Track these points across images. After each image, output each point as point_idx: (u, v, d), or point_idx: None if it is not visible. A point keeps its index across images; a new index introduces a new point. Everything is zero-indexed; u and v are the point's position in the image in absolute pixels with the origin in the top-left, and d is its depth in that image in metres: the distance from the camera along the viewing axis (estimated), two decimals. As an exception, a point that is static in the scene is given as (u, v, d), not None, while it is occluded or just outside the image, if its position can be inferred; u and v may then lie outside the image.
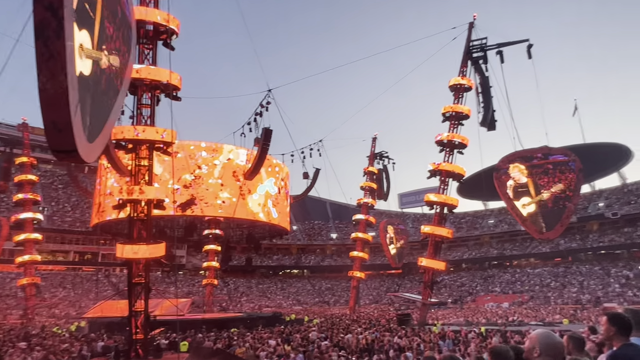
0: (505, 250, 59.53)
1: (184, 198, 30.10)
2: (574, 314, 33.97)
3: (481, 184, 35.29)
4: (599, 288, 44.38)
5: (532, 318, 32.66)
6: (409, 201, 76.96)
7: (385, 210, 70.30)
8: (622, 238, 49.33)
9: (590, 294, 43.59)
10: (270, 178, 34.92)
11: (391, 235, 49.32)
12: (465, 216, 69.53)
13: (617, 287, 43.15)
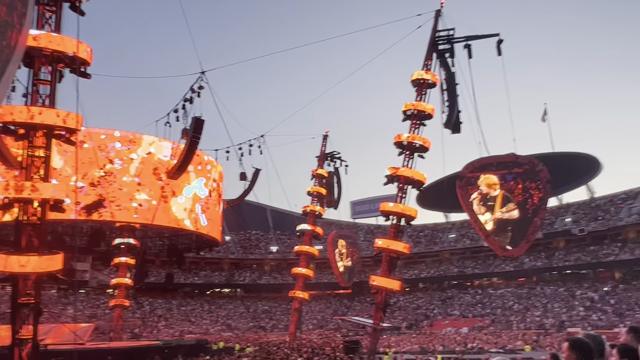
0: (466, 269, 62.44)
1: (90, 199, 28.75)
2: (537, 340, 36.33)
3: (443, 193, 36.84)
4: (563, 311, 47.74)
5: (493, 345, 34.51)
6: (362, 210, 78.56)
7: (335, 220, 71.30)
8: (588, 257, 53.47)
9: (554, 318, 46.78)
10: (200, 178, 34.23)
11: (341, 250, 50.05)
12: (424, 229, 72.12)
13: (581, 311, 46.65)
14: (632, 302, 45.24)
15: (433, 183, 61.86)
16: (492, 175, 28.26)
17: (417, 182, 27.65)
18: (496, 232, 27.65)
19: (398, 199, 27.60)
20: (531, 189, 27.96)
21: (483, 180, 28.35)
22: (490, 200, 28.16)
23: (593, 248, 54.23)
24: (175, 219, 32.05)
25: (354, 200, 79.45)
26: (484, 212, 28.02)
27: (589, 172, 58.53)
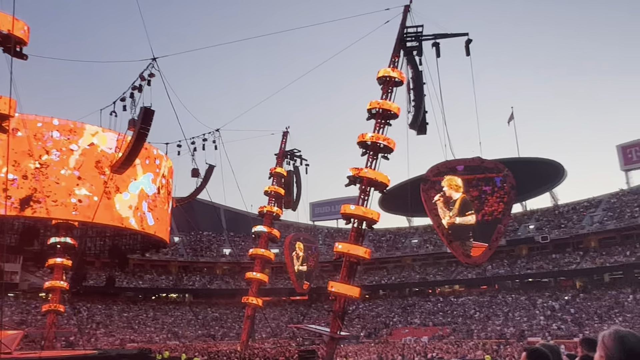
0: (428, 275, 63.83)
1: (23, 193, 27.58)
2: (497, 350, 37.56)
3: (406, 196, 37.51)
4: (524, 320, 49.58)
5: (453, 354, 35.40)
6: (323, 212, 78.97)
7: (293, 222, 71.36)
8: (550, 265, 55.75)
9: (515, 327, 48.51)
10: (148, 173, 33.46)
11: (298, 253, 50.15)
12: (386, 234, 73.24)
13: (542, 320, 48.60)
14: (592, 311, 47.50)
15: (397, 186, 62.96)
16: (456, 177, 29.05)
17: (381, 184, 28.04)
18: (454, 237, 28.46)
19: (360, 201, 27.90)
20: (495, 194, 28.91)
21: (446, 181, 29.10)
22: (451, 204, 28.96)
23: (555, 256, 56.59)
24: (119, 217, 31.18)
25: (313, 201, 79.80)
26: (445, 215, 28.80)
27: (553, 178, 61.08)
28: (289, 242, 49.41)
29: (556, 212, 61.38)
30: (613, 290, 49.82)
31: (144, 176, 32.96)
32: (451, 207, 28.74)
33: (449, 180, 29.04)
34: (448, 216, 28.37)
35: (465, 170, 29.73)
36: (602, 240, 55.22)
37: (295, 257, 49.06)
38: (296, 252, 49.29)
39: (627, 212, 53.45)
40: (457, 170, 29.30)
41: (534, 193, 63.35)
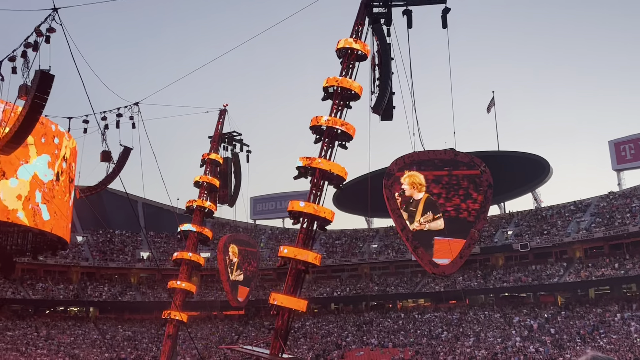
0: (389, 287, 65.18)
1: None
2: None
3: (366, 193, 38.06)
4: (497, 342, 51.55)
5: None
6: (266, 209, 78.97)
7: (230, 221, 70.93)
8: (529, 277, 58.11)
9: (488, 349, 50.38)
10: (44, 155, 32.34)
11: (233, 259, 49.90)
12: (341, 236, 74.11)
13: (518, 341, 50.69)
14: (574, 332, 49.92)
15: (355, 180, 63.71)
16: (419, 174, 29.74)
17: (336, 178, 28.34)
18: (421, 243, 29.23)
19: (311, 197, 28.11)
20: (469, 194, 29.81)
21: (407, 178, 29.75)
22: (412, 205, 29.68)
23: (535, 267, 59.02)
24: (4, 209, 30.02)
25: (255, 196, 79.50)
26: (406, 218, 29.48)
27: (537, 177, 63.55)
28: (224, 244, 49.02)
29: (538, 216, 63.91)
30: (598, 308, 52.48)
31: (38, 158, 31.80)
32: (412, 209, 29.42)
33: (410, 177, 29.70)
34: (416, 220, 29.03)
35: (436, 165, 30.48)
36: (589, 250, 58.05)
37: (230, 264, 48.80)
38: (229, 257, 49.02)
39: (617, 219, 56.28)
40: (425, 164, 29.98)
41: (514, 193, 65.72)
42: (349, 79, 28.64)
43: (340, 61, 29.08)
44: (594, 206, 60.64)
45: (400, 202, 29.46)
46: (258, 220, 79.98)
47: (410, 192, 29.61)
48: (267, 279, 70.71)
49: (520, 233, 62.26)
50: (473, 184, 29.79)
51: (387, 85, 27.81)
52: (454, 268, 30.52)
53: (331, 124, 27.96)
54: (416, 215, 29.31)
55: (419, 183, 29.72)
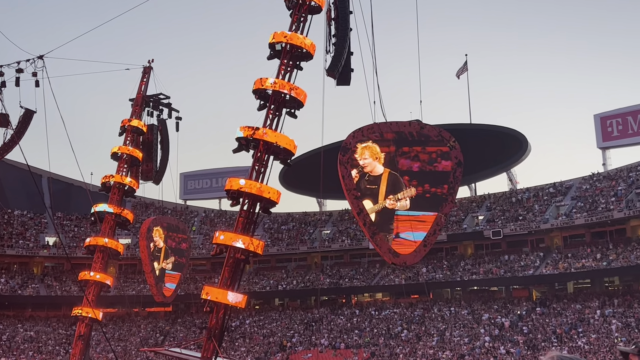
0: (342, 280, 66.05)
1: None
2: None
3: (318, 170, 38.35)
4: (464, 342, 53.10)
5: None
6: (199, 188, 78.51)
7: (155, 201, 70.22)
8: (501, 269, 59.90)
9: (453, 350, 51.88)
10: None
11: (159, 244, 49.55)
12: (288, 220, 74.43)
13: (487, 341, 52.37)
14: (550, 330, 51.86)
15: (306, 155, 63.75)
16: (378, 147, 30.18)
17: (284, 152, 28.44)
18: (380, 228, 29.78)
19: (254, 174, 28.16)
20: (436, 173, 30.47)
21: (366, 150, 30.16)
22: (372, 182, 30.16)
23: (509, 258, 60.81)
24: None
25: (186, 172, 78.91)
26: (365, 198, 29.94)
27: (513, 154, 65.01)
28: (147, 228, 48.59)
29: (513, 199, 65.66)
30: (577, 304, 54.53)
31: None
32: (372, 187, 29.88)
33: (369, 148, 30.09)
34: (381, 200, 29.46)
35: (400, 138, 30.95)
36: (568, 238, 60.18)
37: (154, 251, 48.47)
38: (154, 243, 48.68)
39: (600, 203, 58.35)
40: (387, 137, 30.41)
41: (486, 173, 67.20)
42: (299, 34, 28.58)
43: (290, 13, 28.99)
44: (576, 189, 62.57)
45: (357, 181, 29.87)
46: (189, 200, 79.43)
47: (371, 167, 30.05)
48: (199, 270, 70.52)
49: (492, 218, 63.87)
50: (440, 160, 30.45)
51: (344, 44, 27.90)
52: (416, 258, 31.20)
53: (278, 88, 27.92)
54: (379, 195, 29.82)
55: (377, 154, 30.18)
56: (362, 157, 30.12)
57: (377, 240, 29.93)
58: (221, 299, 27.42)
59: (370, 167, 30.12)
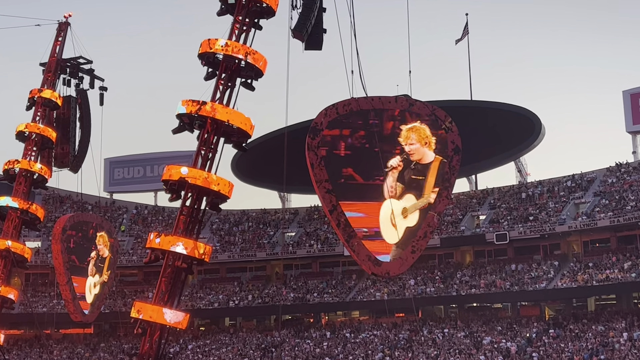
0: (309, 294, 65.86)
1: None
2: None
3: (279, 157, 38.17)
4: (460, 371, 53.28)
5: None
6: (129, 178, 77.80)
7: (72, 194, 69.34)
8: (507, 281, 60.09)
9: (446, 382, 52.08)
10: None
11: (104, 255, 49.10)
12: (242, 220, 73.99)
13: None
14: (566, 358, 52.07)
15: (266, 138, 63.22)
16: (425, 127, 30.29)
17: (238, 133, 28.17)
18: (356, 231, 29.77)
19: (200, 160, 27.87)
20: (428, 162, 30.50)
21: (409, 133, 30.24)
22: (420, 172, 30.19)
23: (516, 268, 61.04)
24: None
25: (113, 157, 78.09)
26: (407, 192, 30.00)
27: (523, 139, 64.95)
28: (62, 229, 47.98)
29: (523, 194, 65.90)
30: (600, 325, 54.71)
31: None
32: (416, 176, 29.95)
33: (414, 130, 30.17)
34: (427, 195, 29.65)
35: (384, 117, 30.90)
36: (590, 243, 60.57)
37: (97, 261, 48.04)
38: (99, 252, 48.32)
39: (630, 200, 58.68)
40: (367, 117, 30.33)
41: (490, 162, 67.27)
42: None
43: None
44: (599, 182, 62.99)
45: (401, 171, 29.90)
46: (117, 193, 78.72)
47: (419, 154, 30.14)
48: (128, 281, 69.98)
49: (496, 219, 64.13)
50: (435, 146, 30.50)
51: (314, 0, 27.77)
52: (402, 267, 31.15)
53: (231, 52, 27.58)
54: (424, 188, 29.88)
55: (429, 141, 30.29)
56: (407, 141, 30.08)
57: (353, 245, 29.84)
58: (156, 318, 27.12)
59: (418, 154, 30.14)
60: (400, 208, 30.67)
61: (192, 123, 27.90)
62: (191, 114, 27.37)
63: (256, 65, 27.97)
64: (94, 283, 48.48)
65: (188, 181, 27.39)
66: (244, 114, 28.07)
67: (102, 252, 48.69)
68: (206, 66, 28.33)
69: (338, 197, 30.13)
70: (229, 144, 28.80)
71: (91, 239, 49.56)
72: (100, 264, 48.64)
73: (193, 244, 27.59)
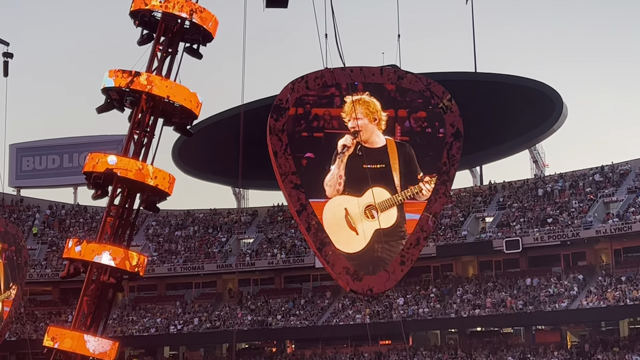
0: (272, 316, 65.74)
1: None
2: None
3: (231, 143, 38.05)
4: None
5: None
6: (41, 169, 77.04)
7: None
8: (520, 299, 60.38)
9: None
10: None
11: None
12: (187, 222, 73.82)
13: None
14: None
15: (216, 119, 62.91)
16: (374, 100, 30.25)
17: (180, 113, 28.08)
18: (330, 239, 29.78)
19: (132, 147, 27.73)
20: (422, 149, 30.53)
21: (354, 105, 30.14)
22: (375, 158, 30.14)
23: (531, 283, 61.27)
24: None
25: (20, 143, 77.53)
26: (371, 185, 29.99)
27: (540, 122, 65.06)
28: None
29: (539, 191, 66.15)
30: (635, 354, 55.18)
31: None
32: (373, 165, 29.95)
33: (361, 103, 30.08)
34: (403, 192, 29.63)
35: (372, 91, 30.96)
36: (623, 252, 60.89)
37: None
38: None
39: (671, 198, 59.07)
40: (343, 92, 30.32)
41: (498, 150, 67.37)
42: None
43: None
44: (635, 176, 63.44)
45: (350, 155, 29.88)
46: (25, 189, 78.09)
47: (367, 133, 30.16)
48: (40, 300, 69.49)
49: (506, 221, 64.30)
50: (428, 129, 30.53)
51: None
52: (388, 282, 31.28)
53: (172, 10, 27.48)
54: (394, 178, 29.95)
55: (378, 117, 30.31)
56: (350, 115, 30.06)
57: (327, 254, 29.88)
58: (77, 347, 26.97)
59: (366, 133, 30.12)
60: (362, 206, 30.74)
61: (122, 100, 27.69)
62: (121, 88, 27.21)
63: (204, 26, 27.88)
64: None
65: (117, 173, 27.22)
66: (188, 89, 27.97)
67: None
68: (140, 27, 28.15)
69: (308, 194, 30.11)
70: (170, 126, 28.69)
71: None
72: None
73: (123, 254, 27.46)
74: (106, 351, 27.62)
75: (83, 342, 26.93)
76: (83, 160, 29.39)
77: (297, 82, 30.44)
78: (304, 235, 32.67)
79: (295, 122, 30.81)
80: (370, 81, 31.19)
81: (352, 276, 29.88)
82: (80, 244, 27.49)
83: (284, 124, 29.76)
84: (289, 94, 30.21)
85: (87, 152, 30.46)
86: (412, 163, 30.83)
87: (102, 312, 28.17)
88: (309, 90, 30.32)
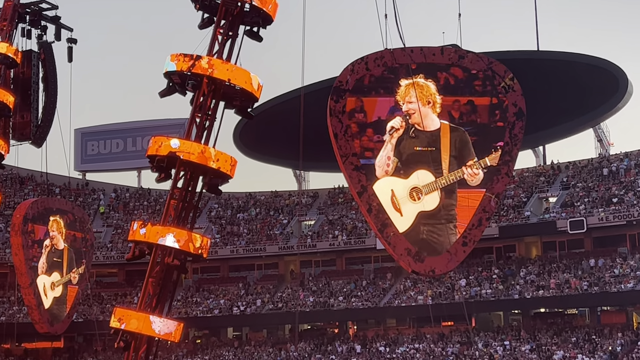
0: (334, 298, 65.75)
1: None
2: None
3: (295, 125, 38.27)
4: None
5: None
6: (105, 154, 77.77)
7: (35, 173, 69.71)
8: (585, 280, 59.94)
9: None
10: None
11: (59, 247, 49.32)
12: (248, 204, 74.11)
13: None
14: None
15: (277, 102, 63.01)
16: (429, 83, 30.20)
17: (241, 95, 28.26)
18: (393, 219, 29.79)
19: (194, 131, 27.99)
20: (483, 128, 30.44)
21: (408, 89, 30.13)
22: (425, 141, 30.15)
23: (596, 263, 60.82)
24: None
25: (85, 127, 78.32)
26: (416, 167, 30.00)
27: (604, 100, 64.47)
28: (23, 218, 48.30)
29: (604, 170, 65.51)
30: None
31: None
32: (422, 148, 29.95)
33: (416, 86, 30.06)
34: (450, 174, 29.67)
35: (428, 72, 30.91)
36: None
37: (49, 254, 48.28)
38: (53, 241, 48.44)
39: None
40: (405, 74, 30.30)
41: (562, 129, 66.85)
42: None
43: None
44: (702, 154, 62.50)
45: (400, 138, 29.95)
46: (90, 172, 79.00)
47: (419, 116, 30.15)
48: (107, 282, 70.30)
49: (570, 201, 63.81)
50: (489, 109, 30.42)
51: None
52: (450, 263, 31.29)
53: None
54: (441, 161, 29.98)
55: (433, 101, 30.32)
56: (404, 99, 30.10)
57: (388, 235, 29.95)
58: (142, 328, 27.33)
59: (419, 116, 30.15)
60: (408, 188, 30.76)
61: (184, 83, 27.95)
62: (183, 72, 27.45)
63: (264, 9, 27.99)
64: (52, 283, 48.54)
65: (180, 157, 27.49)
66: (249, 72, 28.14)
67: (57, 243, 48.73)
68: (201, 11, 28.37)
69: (368, 175, 30.16)
70: (231, 109, 28.91)
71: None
72: (56, 259, 48.69)
73: (187, 236, 27.75)
74: (171, 332, 28.01)
75: (149, 323, 27.30)
76: (146, 143, 29.74)
77: (357, 64, 30.48)
78: (365, 216, 32.79)
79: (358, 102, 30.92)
80: (431, 61, 31.12)
81: (414, 257, 29.93)
82: (144, 226, 27.83)
83: (343, 106, 29.84)
84: (349, 76, 30.28)
85: (150, 136, 30.71)
86: (466, 147, 30.70)
87: (167, 293, 28.53)
88: (369, 71, 30.34)
